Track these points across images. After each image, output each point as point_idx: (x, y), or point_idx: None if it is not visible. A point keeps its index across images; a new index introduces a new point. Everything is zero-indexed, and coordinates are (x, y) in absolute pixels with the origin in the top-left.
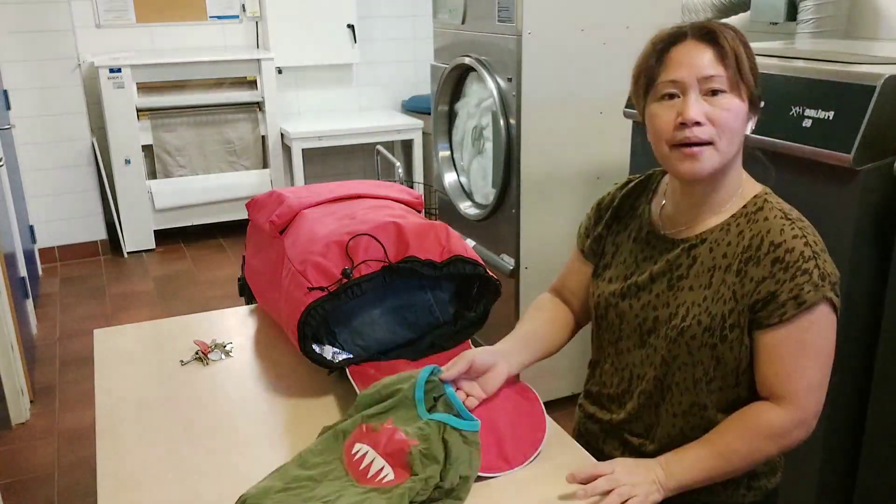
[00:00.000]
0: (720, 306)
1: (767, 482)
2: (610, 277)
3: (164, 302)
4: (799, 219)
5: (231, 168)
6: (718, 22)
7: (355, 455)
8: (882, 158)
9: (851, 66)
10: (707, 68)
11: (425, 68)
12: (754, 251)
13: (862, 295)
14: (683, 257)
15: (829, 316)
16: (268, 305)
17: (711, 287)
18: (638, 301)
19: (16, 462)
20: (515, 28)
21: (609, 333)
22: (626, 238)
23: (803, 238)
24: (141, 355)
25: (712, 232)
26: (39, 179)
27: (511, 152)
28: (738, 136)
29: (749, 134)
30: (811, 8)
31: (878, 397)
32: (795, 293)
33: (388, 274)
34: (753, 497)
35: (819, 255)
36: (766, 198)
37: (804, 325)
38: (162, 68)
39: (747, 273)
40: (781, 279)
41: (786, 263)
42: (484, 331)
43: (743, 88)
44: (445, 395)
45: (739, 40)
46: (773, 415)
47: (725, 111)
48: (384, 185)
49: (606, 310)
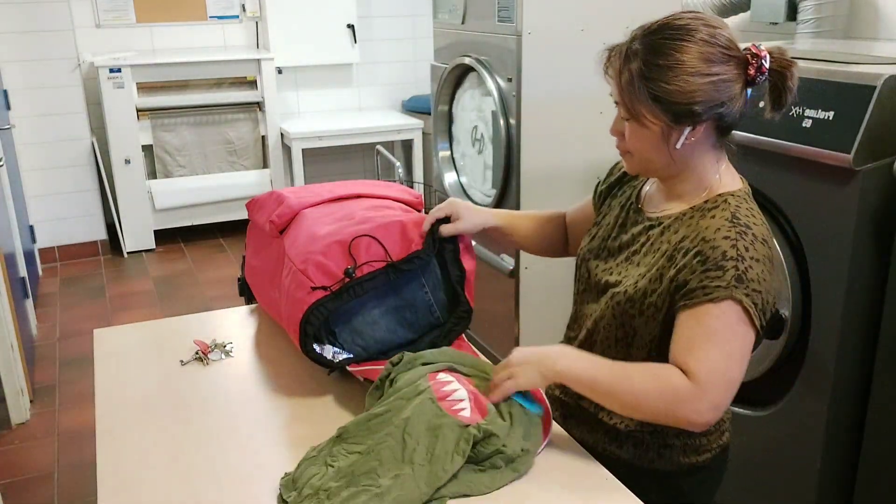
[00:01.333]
0: (646, 283)
1: (683, 458)
2: (594, 235)
3: (164, 302)
4: (746, 226)
5: (231, 168)
6: (655, 33)
7: (440, 378)
8: (882, 158)
9: (851, 66)
10: (616, 93)
11: (425, 68)
12: (688, 242)
13: (862, 295)
14: (643, 235)
15: (738, 316)
16: (268, 305)
17: (649, 267)
18: (605, 263)
19: (16, 462)
20: (515, 28)
21: (578, 284)
22: (618, 204)
23: (733, 241)
24: (141, 355)
25: (670, 218)
26: (39, 179)
27: (511, 152)
28: (651, 154)
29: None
30: (811, 8)
31: (878, 397)
32: (704, 284)
33: (391, 271)
34: (665, 465)
35: (745, 260)
36: (728, 199)
37: (712, 312)
38: (162, 68)
39: (675, 260)
40: (697, 270)
41: (705, 258)
42: (484, 330)
43: (643, 116)
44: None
45: (650, 66)
46: (680, 379)
47: (630, 135)
48: (384, 185)
49: (581, 262)
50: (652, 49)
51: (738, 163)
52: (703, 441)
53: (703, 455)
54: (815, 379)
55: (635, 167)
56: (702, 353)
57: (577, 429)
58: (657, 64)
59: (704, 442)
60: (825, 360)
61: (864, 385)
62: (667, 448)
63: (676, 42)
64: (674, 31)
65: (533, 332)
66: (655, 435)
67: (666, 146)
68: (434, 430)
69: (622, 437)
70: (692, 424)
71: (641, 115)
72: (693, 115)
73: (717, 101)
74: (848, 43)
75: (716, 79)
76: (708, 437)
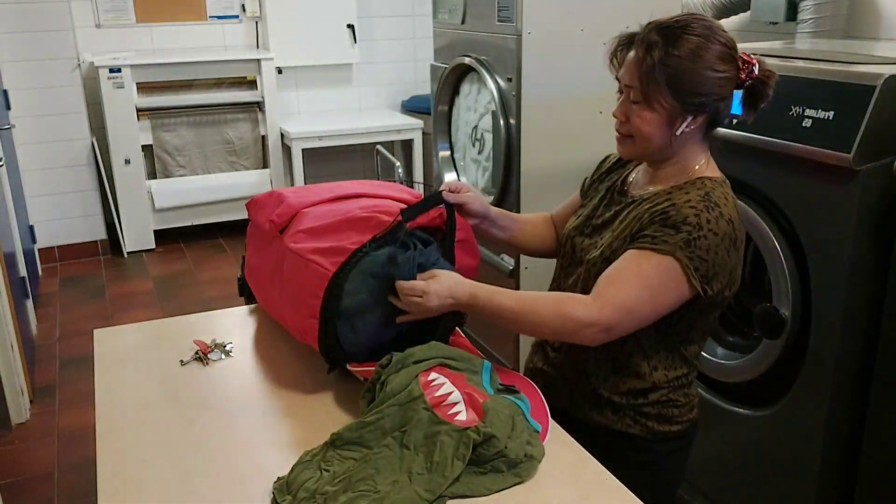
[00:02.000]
0: (619, 242)
1: (657, 425)
2: (580, 214)
3: (164, 302)
4: (715, 204)
5: (231, 168)
6: (673, 26)
7: (432, 382)
8: (882, 158)
9: (851, 66)
10: (627, 78)
11: (425, 68)
12: (657, 206)
13: (862, 295)
14: (624, 210)
15: (674, 273)
16: (268, 305)
17: (620, 230)
18: (590, 239)
19: (16, 462)
20: (515, 28)
21: (563, 260)
22: (605, 188)
23: (697, 212)
24: (141, 355)
25: (649, 194)
26: (39, 179)
27: (511, 152)
28: (654, 138)
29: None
30: (811, 8)
31: (878, 397)
32: (655, 235)
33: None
34: (639, 431)
35: (702, 229)
36: (706, 181)
37: (649, 258)
38: (162, 68)
39: (642, 219)
40: (656, 223)
41: (666, 216)
42: (484, 330)
43: (655, 101)
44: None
45: (670, 55)
46: (579, 305)
47: (637, 118)
48: (384, 185)
49: (566, 240)
50: (675, 42)
51: (738, 162)
52: (674, 412)
53: (674, 426)
54: (815, 379)
55: (632, 150)
56: (619, 285)
57: (556, 397)
58: (677, 54)
59: (676, 413)
60: (825, 360)
61: (864, 385)
62: (642, 415)
63: (700, 39)
64: (696, 29)
65: None
66: (631, 404)
67: (668, 130)
68: (431, 437)
69: (602, 403)
70: (589, 340)
71: (654, 100)
72: (698, 105)
73: (720, 96)
74: (848, 43)
75: (723, 76)
76: (679, 409)
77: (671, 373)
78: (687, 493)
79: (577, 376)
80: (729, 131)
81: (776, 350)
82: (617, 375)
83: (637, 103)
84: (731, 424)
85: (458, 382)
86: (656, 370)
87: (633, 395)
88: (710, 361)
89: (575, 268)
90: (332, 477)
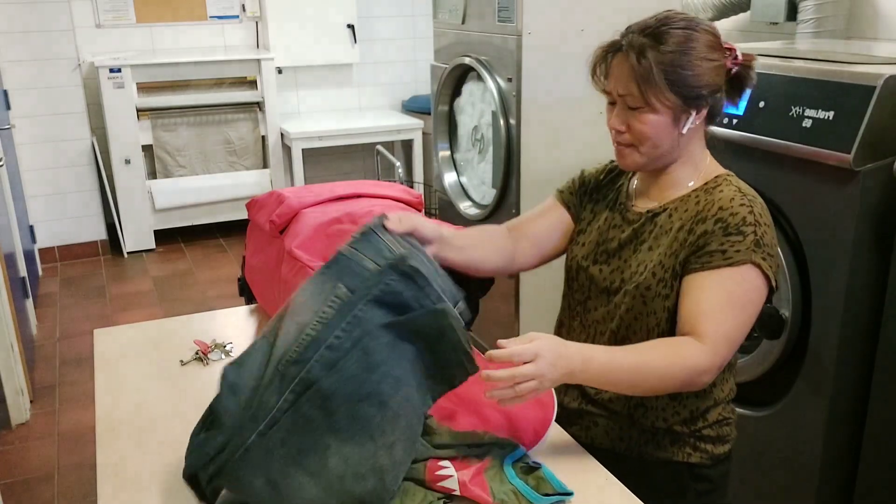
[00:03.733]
0: (672, 259)
1: (714, 448)
2: (584, 242)
3: (164, 302)
4: (753, 196)
5: (231, 168)
6: (659, 26)
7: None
8: (882, 158)
9: (851, 66)
10: (621, 86)
11: (425, 68)
12: (705, 213)
13: (862, 295)
14: (647, 224)
15: (756, 279)
16: (268, 305)
17: (667, 244)
18: (608, 266)
19: (16, 462)
20: (515, 28)
21: (579, 294)
22: (604, 207)
23: (749, 208)
24: (141, 355)
25: (673, 202)
26: (39, 179)
27: (511, 152)
28: (661, 141)
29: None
30: (811, 8)
31: (878, 397)
32: (725, 248)
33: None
34: (699, 458)
35: (761, 225)
36: (726, 178)
37: (733, 277)
38: (162, 68)
39: (694, 230)
40: (718, 234)
41: (727, 224)
42: (484, 329)
43: (657, 102)
44: (541, 470)
45: (664, 54)
46: (695, 350)
47: (640, 124)
48: (384, 185)
49: (577, 272)
50: (663, 39)
51: (738, 162)
52: (726, 431)
53: (726, 445)
54: (815, 379)
55: (637, 159)
56: (719, 318)
57: (602, 436)
58: (671, 51)
59: (727, 432)
60: (825, 360)
61: (864, 385)
62: (701, 440)
63: (686, 31)
64: (678, 23)
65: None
66: (691, 431)
67: (675, 131)
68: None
69: (660, 435)
70: (700, 386)
71: (656, 102)
72: (700, 98)
73: (717, 85)
74: (848, 43)
75: (717, 64)
76: (730, 426)
77: (727, 385)
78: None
79: (631, 411)
80: (729, 131)
81: (776, 350)
82: (676, 400)
83: (637, 109)
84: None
85: (471, 471)
86: (715, 385)
87: (692, 420)
88: None
89: (601, 299)
90: None
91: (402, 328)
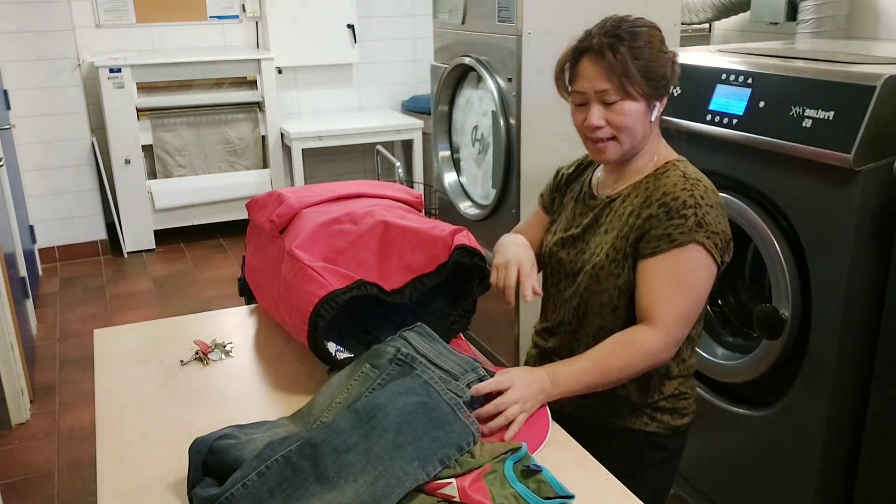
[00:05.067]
0: (623, 242)
1: (672, 419)
2: (555, 230)
3: (164, 302)
4: (696, 179)
5: (231, 168)
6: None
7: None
8: (882, 158)
9: (851, 66)
10: (599, 83)
11: (425, 68)
12: (651, 198)
13: (862, 295)
14: (605, 210)
15: (702, 258)
16: (268, 305)
17: (619, 228)
18: (574, 249)
19: (16, 462)
20: (515, 28)
21: (552, 277)
22: (571, 199)
23: (690, 191)
24: (141, 355)
25: (627, 188)
26: (39, 179)
27: (511, 152)
28: (639, 130)
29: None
30: (811, 8)
31: (878, 397)
32: (669, 231)
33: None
34: (656, 427)
35: (702, 206)
36: (675, 163)
37: (677, 259)
38: (162, 68)
39: (641, 214)
40: (661, 219)
41: (668, 208)
42: (484, 330)
43: (634, 91)
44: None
45: (634, 48)
46: (647, 337)
47: (620, 115)
48: (384, 184)
49: (550, 257)
50: (630, 35)
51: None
52: (684, 404)
53: (684, 418)
54: (815, 379)
55: (618, 151)
56: (669, 300)
57: (567, 403)
58: (639, 45)
59: (685, 405)
60: (825, 360)
61: (864, 385)
62: (658, 411)
63: (644, 28)
64: (635, 22)
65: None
66: (648, 402)
67: (647, 119)
68: None
69: (619, 403)
70: (662, 363)
71: (633, 92)
72: (664, 87)
73: (672, 76)
74: (848, 43)
75: (669, 57)
76: (687, 400)
77: (682, 361)
78: (687, 493)
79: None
80: (729, 131)
81: (776, 350)
82: None
83: (613, 103)
84: (731, 424)
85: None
86: (669, 360)
87: (647, 391)
88: (710, 361)
89: (569, 280)
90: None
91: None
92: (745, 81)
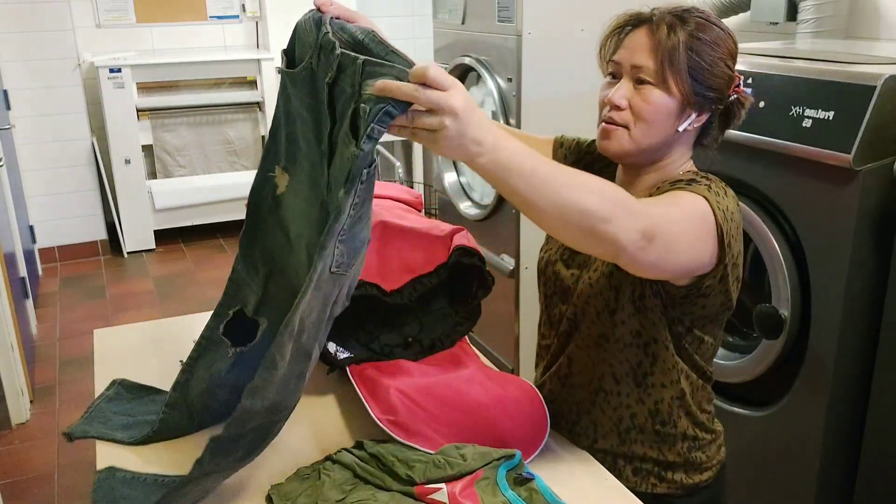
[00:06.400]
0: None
1: (686, 477)
2: (549, 239)
3: (164, 302)
4: (706, 175)
5: (231, 168)
6: (692, 15)
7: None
8: (882, 158)
9: (851, 66)
10: (639, 57)
11: None
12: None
13: (862, 295)
14: None
15: (705, 209)
16: None
17: None
18: (573, 263)
19: (16, 462)
20: (515, 28)
21: (546, 288)
22: None
23: (704, 176)
24: (141, 355)
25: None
26: (39, 179)
27: None
28: (658, 129)
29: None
30: (811, 8)
31: (878, 397)
32: (679, 186)
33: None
34: (667, 489)
35: (710, 187)
36: (692, 172)
37: (684, 195)
38: (162, 68)
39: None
40: (664, 186)
41: (678, 180)
42: (484, 329)
43: (672, 84)
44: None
45: (694, 39)
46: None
47: (645, 102)
48: (384, 184)
49: (546, 266)
50: (696, 25)
51: (738, 162)
52: (702, 457)
53: (704, 473)
54: (815, 379)
55: (623, 143)
56: (663, 207)
57: None
58: (701, 38)
59: (704, 458)
60: (825, 360)
61: (864, 385)
62: (668, 469)
63: (719, 29)
64: (710, 17)
65: (533, 333)
66: (655, 458)
67: (673, 123)
68: None
69: (620, 462)
70: (615, 241)
71: (670, 81)
72: (705, 98)
73: (723, 97)
74: (848, 43)
75: (731, 74)
76: (706, 452)
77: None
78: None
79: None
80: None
81: (776, 350)
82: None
83: (645, 84)
84: (731, 424)
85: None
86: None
87: (654, 446)
88: None
89: (565, 296)
90: (332, 483)
91: None
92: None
